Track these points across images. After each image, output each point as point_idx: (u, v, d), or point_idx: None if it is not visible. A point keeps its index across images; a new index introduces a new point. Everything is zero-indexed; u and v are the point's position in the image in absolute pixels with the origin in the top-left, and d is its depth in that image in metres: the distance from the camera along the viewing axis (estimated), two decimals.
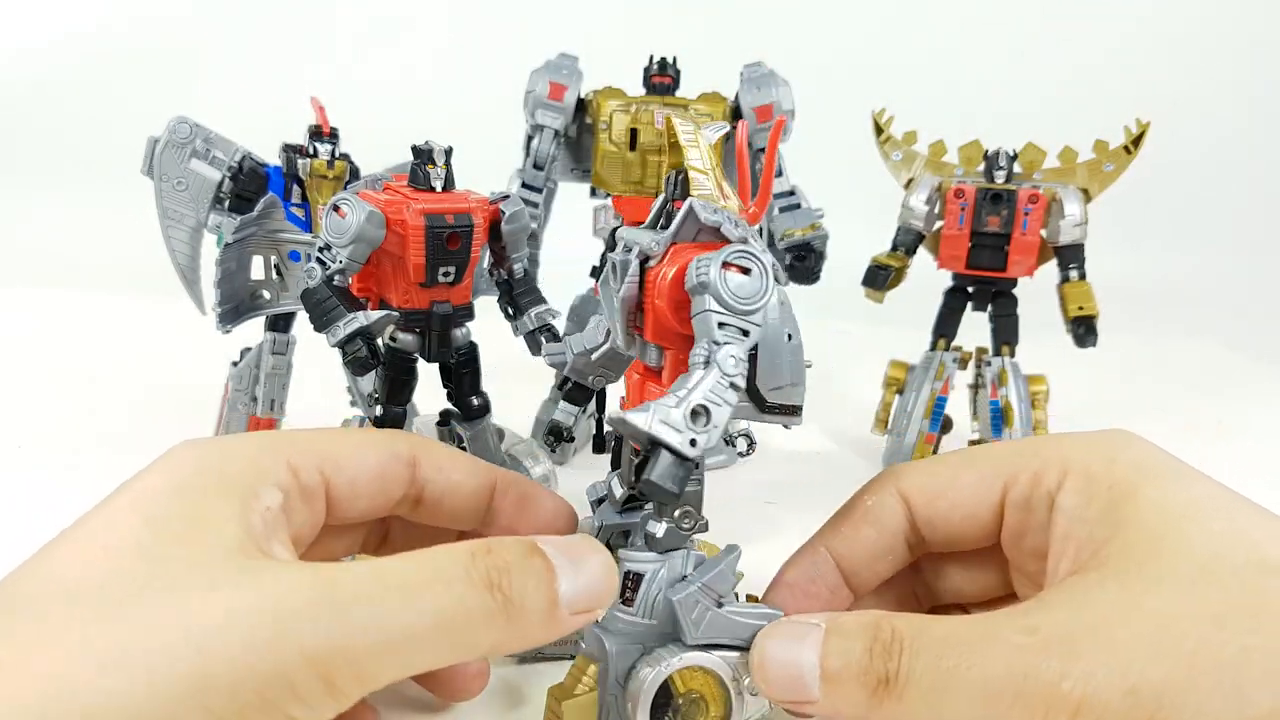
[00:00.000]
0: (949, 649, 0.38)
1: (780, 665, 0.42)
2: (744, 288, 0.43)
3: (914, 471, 0.50)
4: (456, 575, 0.38)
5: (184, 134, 0.75)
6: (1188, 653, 0.35)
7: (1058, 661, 0.36)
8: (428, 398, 0.72)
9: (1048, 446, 0.47)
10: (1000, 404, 0.88)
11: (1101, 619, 0.37)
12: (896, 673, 0.39)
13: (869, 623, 0.41)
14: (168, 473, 0.42)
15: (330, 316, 0.60)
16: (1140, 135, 0.84)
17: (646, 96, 0.84)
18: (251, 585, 0.36)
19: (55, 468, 0.84)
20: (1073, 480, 0.44)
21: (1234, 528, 0.40)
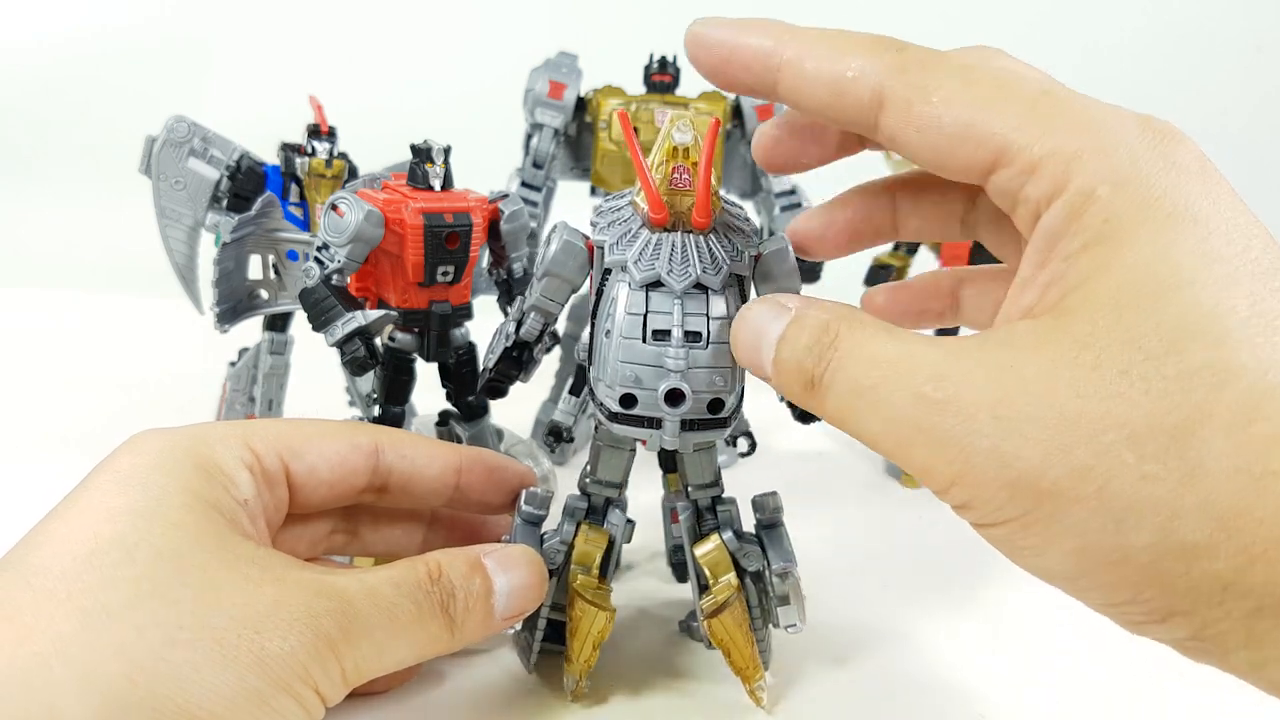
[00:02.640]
0: (868, 371, 0.37)
1: (749, 332, 0.44)
2: None
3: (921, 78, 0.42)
4: (420, 599, 0.45)
5: (182, 133, 0.75)
6: (1083, 464, 0.32)
7: (948, 426, 0.34)
8: (427, 398, 0.72)
9: (1059, 129, 0.37)
10: None
11: (1015, 391, 0.33)
12: (820, 378, 0.39)
13: (821, 323, 0.40)
14: (141, 454, 0.45)
15: (328, 316, 0.59)
16: None
17: (646, 95, 0.84)
18: (287, 582, 0.42)
19: (54, 467, 0.84)
20: (1068, 198, 0.35)
21: (1228, 308, 0.32)
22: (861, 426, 0.38)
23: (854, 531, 0.78)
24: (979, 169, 0.38)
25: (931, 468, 0.35)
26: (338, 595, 0.42)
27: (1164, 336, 0.32)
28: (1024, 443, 0.33)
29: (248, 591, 0.40)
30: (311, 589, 0.42)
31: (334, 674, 0.42)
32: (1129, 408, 0.32)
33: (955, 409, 0.34)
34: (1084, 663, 0.60)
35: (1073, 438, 0.32)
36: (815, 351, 0.39)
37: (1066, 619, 0.64)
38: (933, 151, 0.39)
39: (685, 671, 0.58)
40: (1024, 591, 0.64)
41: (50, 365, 1.14)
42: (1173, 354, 0.32)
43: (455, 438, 0.70)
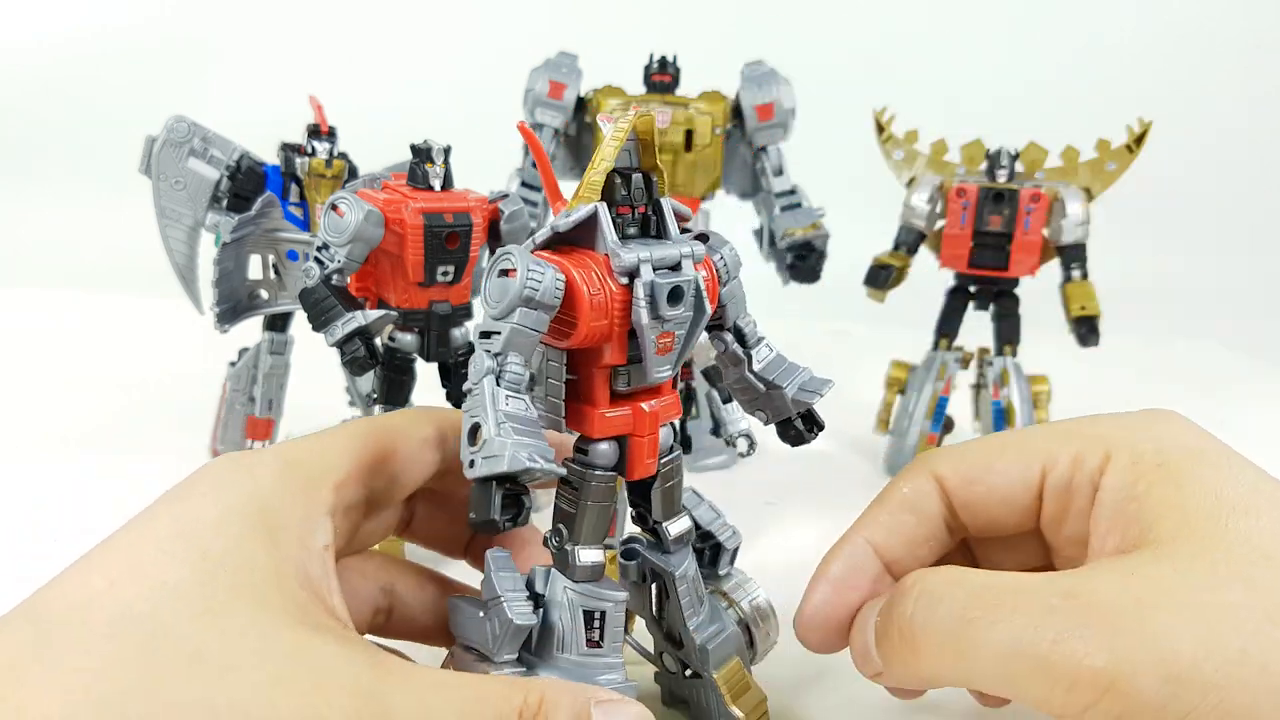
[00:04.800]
0: (976, 600, 0.36)
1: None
2: None
3: (948, 457, 0.48)
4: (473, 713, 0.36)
5: (182, 133, 0.75)
6: (1239, 649, 0.33)
7: (1093, 633, 0.33)
8: (427, 397, 0.72)
9: (1088, 428, 0.45)
10: (1002, 404, 0.88)
11: (1149, 597, 0.34)
12: (912, 634, 0.37)
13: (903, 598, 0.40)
14: (217, 502, 0.39)
15: (328, 316, 0.59)
16: (1142, 134, 0.83)
17: (646, 95, 0.84)
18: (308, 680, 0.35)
19: (53, 467, 0.84)
20: (1118, 460, 0.42)
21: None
22: (978, 660, 0.36)
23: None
24: (1031, 489, 0.45)
25: (1077, 679, 0.33)
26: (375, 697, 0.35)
27: (1264, 547, 0.36)
28: (1177, 638, 0.33)
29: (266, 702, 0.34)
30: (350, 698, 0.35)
31: None
32: (1265, 599, 0.34)
33: (1097, 614, 0.34)
34: None
35: (1221, 629, 0.33)
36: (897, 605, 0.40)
37: None
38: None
39: None
40: None
41: (50, 365, 1.14)
42: (1271, 557, 0.35)
43: None
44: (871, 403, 0.95)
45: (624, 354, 0.43)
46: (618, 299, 0.42)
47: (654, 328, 0.42)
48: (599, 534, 0.46)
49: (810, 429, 0.48)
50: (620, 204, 0.42)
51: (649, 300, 0.41)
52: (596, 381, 0.44)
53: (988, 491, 0.47)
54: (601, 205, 0.42)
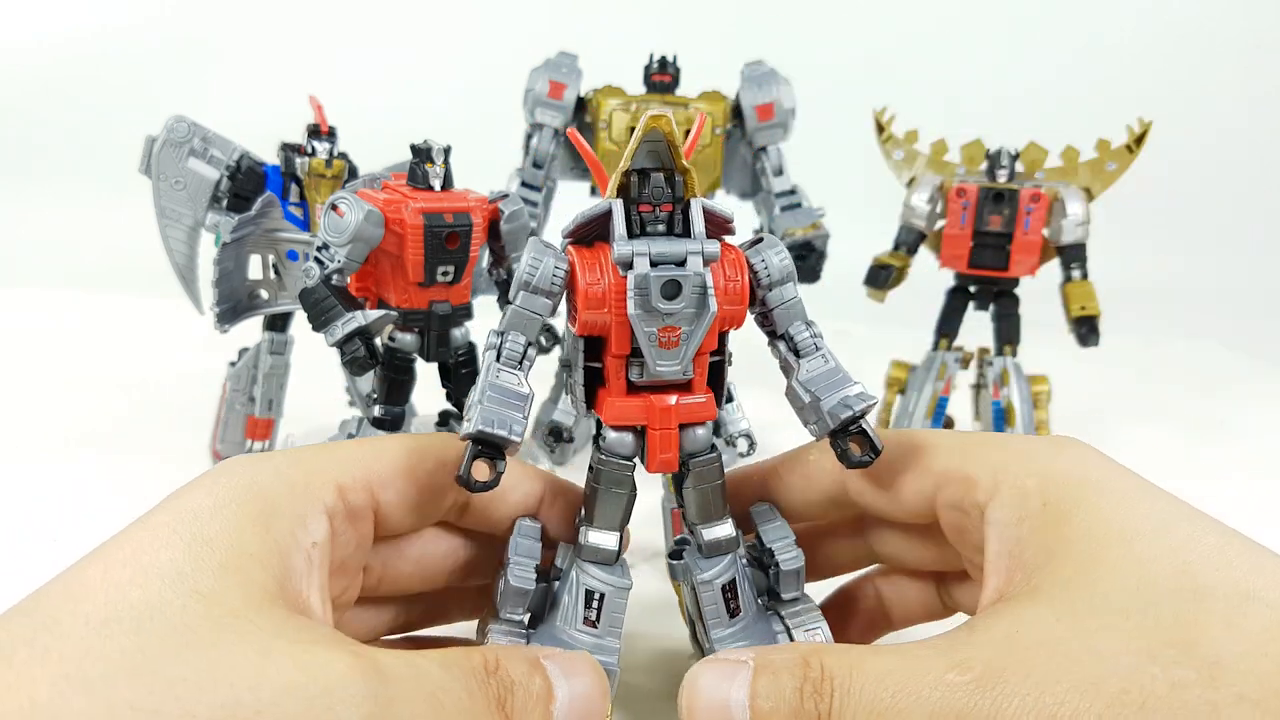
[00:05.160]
0: (882, 688, 0.37)
1: (709, 706, 0.41)
2: None
3: None
4: (473, 687, 0.39)
5: (182, 133, 0.75)
6: (1118, 690, 0.34)
7: (990, 700, 0.36)
8: (427, 398, 0.72)
9: (983, 452, 0.46)
10: (1002, 404, 0.88)
11: (1032, 654, 0.36)
12: (830, 713, 0.38)
13: (797, 660, 0.40)
14: (213, 492, 0.41)
15: (328, 316, 0.59)
16: (1143, 135, 0.83)
17: (646, 95, 0.84)
18: (302, 663, 0.36)
19: (53, 467, 0.84)
20: (1005, 494, 0.44)
21: (1168, 549, 0.38)
22: None
23: None
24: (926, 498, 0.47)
25: None
26: (370, 675, 0.36)
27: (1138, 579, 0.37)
28: (1061, 689, 0.35)
29: (255, 671, 0.35)
30: (337, 668, 0.36)
31: None
32: (1137, 637, 0.35)
33: (989, 681, 0.36)
34: None
35: (1100, 672, 0.35)
36: (808, 690, 0.39)
37: None
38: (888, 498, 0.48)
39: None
40: None
41: (50, 365, 1.14)
42: (1147, 588, 0.37)
43: None
44: None
45: (627, 344, 0.45)
46: (615, 290, 0.44)
47: (647, 320, 0.44)
48: (612, 519, 0.48)
49: (866, 451, 0.47)
50: (641, 202, 0.44)
51: (638, 292, 0.43)
52: (611, 370, 0.46)
53: (884, 491, 0.49)
54: (617, 202, 0.44)
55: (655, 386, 0.46)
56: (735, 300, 0.46)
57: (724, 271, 0.46)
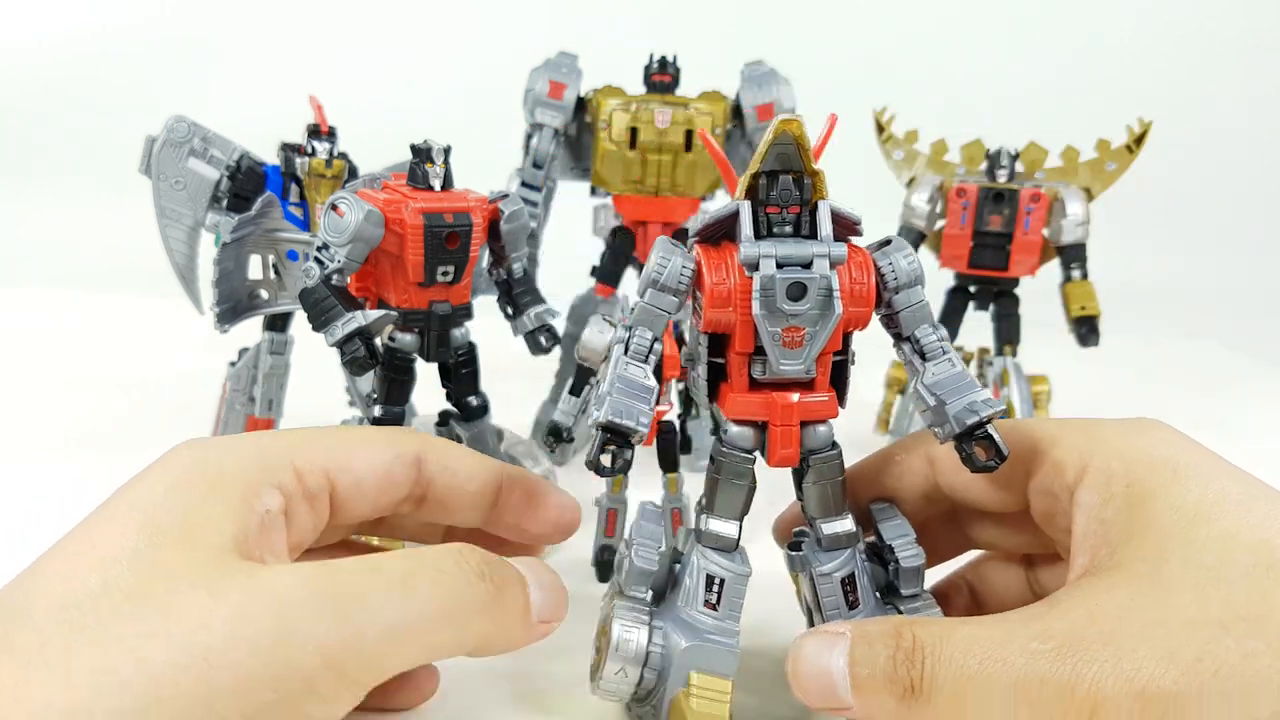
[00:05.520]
0: (970, 656, 0.40)
1: (813, 674, 0.44)
2: None
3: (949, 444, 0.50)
4: (448, 567, 0.41)
5: (182, 133, 0.75)
6: (1193, 659, 0.36)
7: (1070, 667, 0.38)
8: (427, 398, 0.72)
9: (1069, 437, 0.48)
10: (1003, 404, 0.88)
11: (1112, 624, 0.39)
12: (921, 679, 0.40)
13: (890, 630, 0.42)
14: (166, 472, 0.42)
15: (328, 316, 0.59)
16: (1142, 134, 0.83)
17: (646, 95, 0.84)
18: (251, 588, 0.37)
19: (53, 467, 0.84)
20: (1091, 477, 0.45)
21: (1245, 526, 0.40)
22: (981, 708, 0.40)
23: None
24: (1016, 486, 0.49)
25: (1068, 713, 0.38)
26: (329, 582, 0.38)
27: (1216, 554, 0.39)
28: (1139, 657, 0.37)
29: (204, 611, 0.36)
30: (289, 584, 0.37)
31: (327, 684, 0.37)
32: (1213, 610, 0.38)
33: (1070, 649, 0.38)
34: None
35: (1176, 642, 0.37)
36: (900, 658, 0.41)
37: None
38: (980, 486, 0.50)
39: None
40: None
41: (50, 365, 1.14)
42: (1224, 563, 0.39)
43: (455, 438, 0.70)
44: (872, 403, 0.95)
45: (750, 342, 0.46)
46: (741, 290, 0.45)
47: (771, 320, 0.45)
48: (732, 509, 0.50)
49: (991, 456, 0.47)
50: (770, 204, 0.45)
51: (764, 293, 0.44)
52: (734, 367, 0.48)
53: (973, 481, 0.50)
54: (744, 204, 0.45)
55: (777, 384, 0.48)
56: (861, 302, 0.47)
57: (850, 274, 0.47)
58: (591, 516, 0.70)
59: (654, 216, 0.85)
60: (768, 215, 0.46)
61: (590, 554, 0.69)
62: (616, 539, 0.68)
